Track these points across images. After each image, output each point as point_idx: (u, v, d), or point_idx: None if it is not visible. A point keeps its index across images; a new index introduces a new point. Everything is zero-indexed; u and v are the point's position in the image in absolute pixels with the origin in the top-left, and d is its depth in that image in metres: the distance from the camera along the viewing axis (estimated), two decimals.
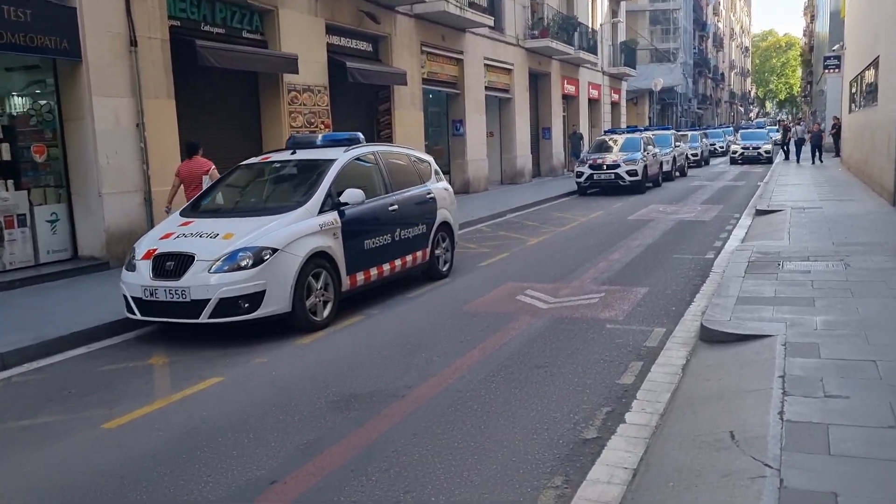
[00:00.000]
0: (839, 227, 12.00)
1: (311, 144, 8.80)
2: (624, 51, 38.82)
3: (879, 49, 17.09)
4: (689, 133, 37.33)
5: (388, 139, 18.13)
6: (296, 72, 13.78)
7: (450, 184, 23.14)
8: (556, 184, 25.16)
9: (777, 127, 40.80)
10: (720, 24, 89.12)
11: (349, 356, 6.52)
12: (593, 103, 36.51)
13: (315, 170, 8.02)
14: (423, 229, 9.23)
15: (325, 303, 7.45)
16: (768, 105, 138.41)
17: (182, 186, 10.05)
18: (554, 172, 29.57)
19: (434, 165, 10.12)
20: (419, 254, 9.15)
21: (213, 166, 10.07)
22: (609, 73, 37.92)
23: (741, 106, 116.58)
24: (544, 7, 27.54)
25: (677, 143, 28.58)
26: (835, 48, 32.41)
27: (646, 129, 27.90)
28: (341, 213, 7.73)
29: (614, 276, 9.52)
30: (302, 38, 14.47)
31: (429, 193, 9.51)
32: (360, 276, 7.97)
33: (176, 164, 10.71)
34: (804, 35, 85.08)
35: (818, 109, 63.82)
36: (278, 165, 8.50)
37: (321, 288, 7.35)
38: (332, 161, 8.06)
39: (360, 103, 17.75)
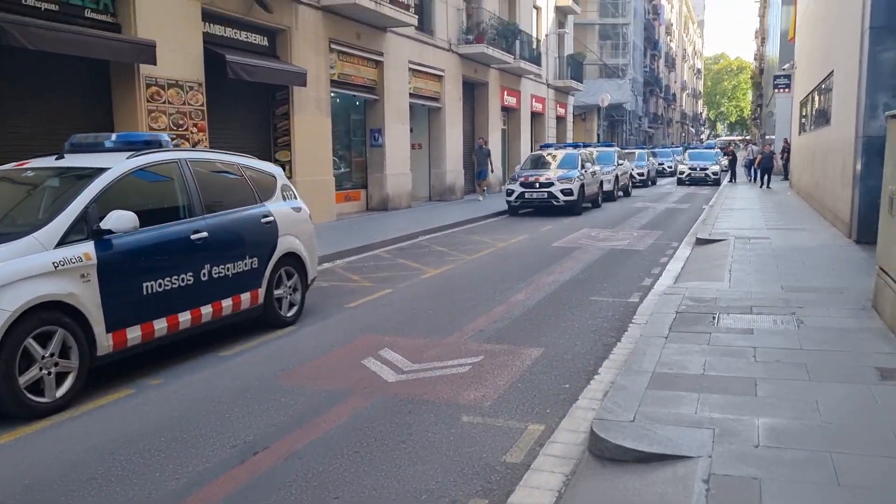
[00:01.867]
0: (789, 264, 10.08)
1: (94, 147, 6.47)
2: (570, 64, 37.14)
3: (833, 63, 15.41)
4: (637, 151, 35.69)
5: (286, 147, 15.82)
6: (152, 62, 11.41)
7: (367, 199, 21.49)
8: (488, 202, 23.09)
9: (722, 151, 39.43)
10: (672, 45, 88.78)
11: (74, 464, 4.23)
12: (537, 117, 34.69)
13: (75, 183, 5.70)
14: (253, 263, 6.97)
15: (64, 375, 5.14)
16: (719, 127, 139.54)
17: None
18: (490, 188, 27.49)
19: (282, 180, 7.88)
20: (246, 296, 6.89)
21: None
22: (554, 87, 36.16)
23: (692, 127, 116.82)
24: (481, 11, 25.56)
25: (621, 162, 26.81)
26: (785, 67, 31.15)
27: (586, 146, 26.05)
28: (102, 245, 5.44)
29: (505, 329, 7.36)
30: (166, 24, 12.12)
31: (266, 216, 7.26)
32: (135, 333, 5.67)
33: None
34: (755, 59, 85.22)
35: (767, 132, 63.29)
36: (31, 175, 6.13)
37: (51, 355, 5.03)
38: (100, 171, 5.75)
39: (252, 106, 15.42)
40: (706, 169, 33.78)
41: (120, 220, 5.48)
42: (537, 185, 19.58)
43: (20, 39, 9.23)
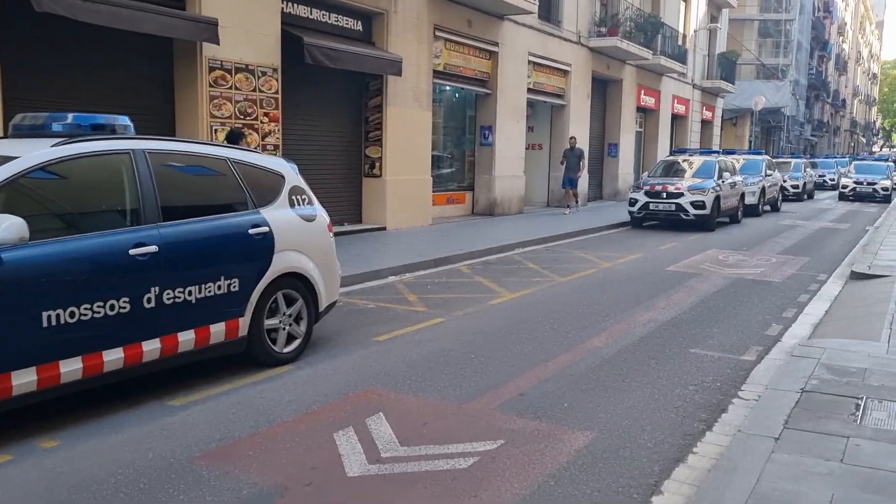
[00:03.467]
0: None
1: (36, 130, 5.16)
2: (721, 63, 33.82)
3: None
4: (792, 161, 31.82)
5: (377, 143, 14.43)
6: (214, 41, 10.27)
7: (473, 203, 19.59)
8: (613, 211, 20.82)
9: None
10: (845, 46, 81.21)
11: None
12: (679, 119, 31.78)
13: None
14: (232, 286, 5.45)
15: None
16: (895, 137, 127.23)
17: None
18: (619, 196, 25.11)
19: (293, 181, 6.33)
20: (218, 328, 5.39)
21: None
22: (701, 87, 33.03)
23: (863, 136, 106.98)
24: (618, 2, 23.24)
25: (770, 172, 23.64)
26: None
27: (730, 153, 23.18)
28: None
29: (555, 394, 5.46)
30: (237, 1, 10.97)
31: (258, 226, 5.73)
32: (25, 378, 4.27)
33: None
34: None
35: None
36: None
37: None
38: (4, 162, 4.40)
39: (341, 96, 14.12)
40: (875, 183, 29.67)
41: (4, 228, 4.09)
42: (664, 195, 17.20)
43: (53, 6, 8.20)
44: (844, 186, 30.28)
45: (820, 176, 37.04)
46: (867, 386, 5.29)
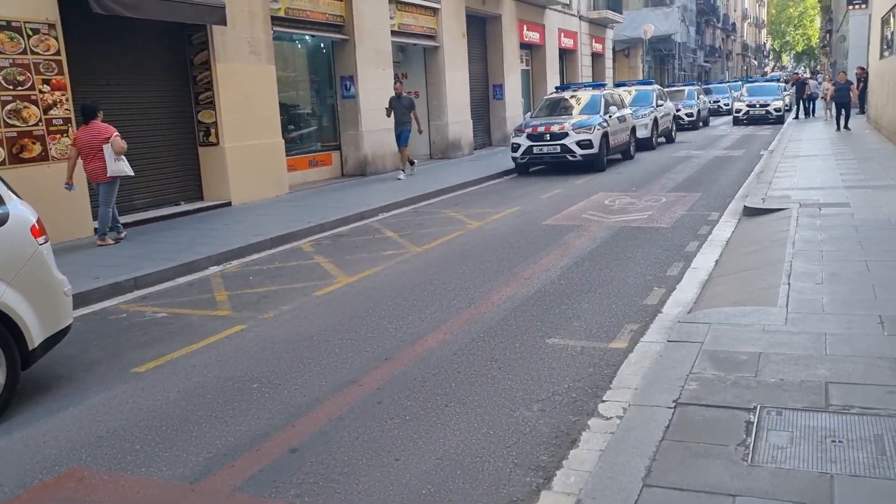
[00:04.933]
0: (887, 255, 6.27)
1: None
2: None
3: None
4: (686, 89, 30.89)
5: (211, 105, 12.37)
6: None
7: (342, 164, 17.42)
8: (499, 159, 19.29)
9: (789, 83, 34.37)
10: None
11: None
12: (568, 54, 30.39)
13: None
14: None
15: None
16: (785, 58, 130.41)
17: (80, 158, 9.24)
18: (508, 141, 23.55)
19: None
20: None
21: (116, 133, 9.24)
22: (588, 19, 31.68)
23: (755, 59, 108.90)
24: None
25: (661, 102, 22.54)
26: None
27: (619, 86, 21.94)
28: None
29: (341, 446, 3.86)
30: None
31: None
32: None
33: None
34: None
35: (838, 59, 56.95)
36: None
37: None
38: None
39: (160, 53, 11.97)
40: (767, 105, 29.09)
41: None
42: (548, 136, 15.76)
43: None
44: (738, 111, 29.62)
45: (714, 102, 36.44)
46: (762, 385, 3.88)
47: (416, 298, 6.60)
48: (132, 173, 9.60)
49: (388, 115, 15.79)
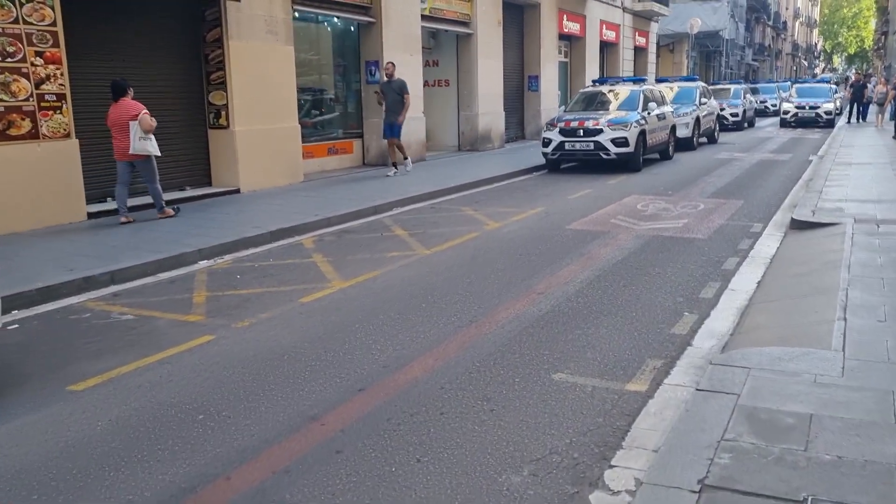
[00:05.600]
0: None
1: None
2: None
3: None
4: (731, 87, 29.53)
5: (222, 86, 11.70)
6: None
7: (364, 152, 16.46)
8: (531, 153, 18.36)
9: (847, 83, 32.75)
10: None
11: None
12: (610, 47, 29.30)
13: None
14: None
15: None
16: (836, 60, 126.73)
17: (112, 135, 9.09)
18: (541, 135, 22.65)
19: None
20: None
21: (145, 110, 9.06)
22: (632, 11, 30.49)
23: (805, 60, 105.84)
24: None
25: (704, 100, 21.40)
26: None
27: (661, 81, 20.87)
28: None
29: None
30: None
31: None
32: None
33: None
34: None
35: (893, 62, 54.68)
36: None
37: None
38: None
39: (172, 29, 11.31)
40: (817, 107, 27.67)
41: None
42: (581, 132, 14.84)
43: None
44: (786, 112, 28.25)
45: (761, 102, 34.99)
46: (813, 464, 3.03)
47: (412, 312, 5.82)
48: (158, 153, 9.43)
49: (380, 103, 14.20)
